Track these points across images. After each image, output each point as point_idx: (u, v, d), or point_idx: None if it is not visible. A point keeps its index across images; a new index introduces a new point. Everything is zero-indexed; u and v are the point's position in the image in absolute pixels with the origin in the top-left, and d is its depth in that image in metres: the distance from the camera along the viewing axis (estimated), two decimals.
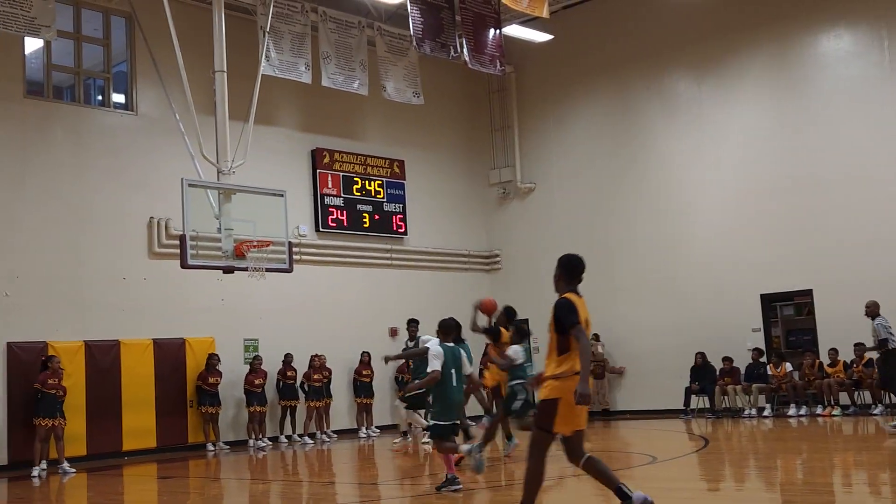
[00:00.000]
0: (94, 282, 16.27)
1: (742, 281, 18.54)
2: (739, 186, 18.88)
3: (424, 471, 12.30)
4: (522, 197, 22.41)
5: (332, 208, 19.81)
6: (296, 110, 19.67)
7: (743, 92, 19.08)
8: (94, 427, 15.71)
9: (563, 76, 21.74)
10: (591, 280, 21.95)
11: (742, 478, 10.23)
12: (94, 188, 16.54)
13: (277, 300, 18.21)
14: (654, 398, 19.60)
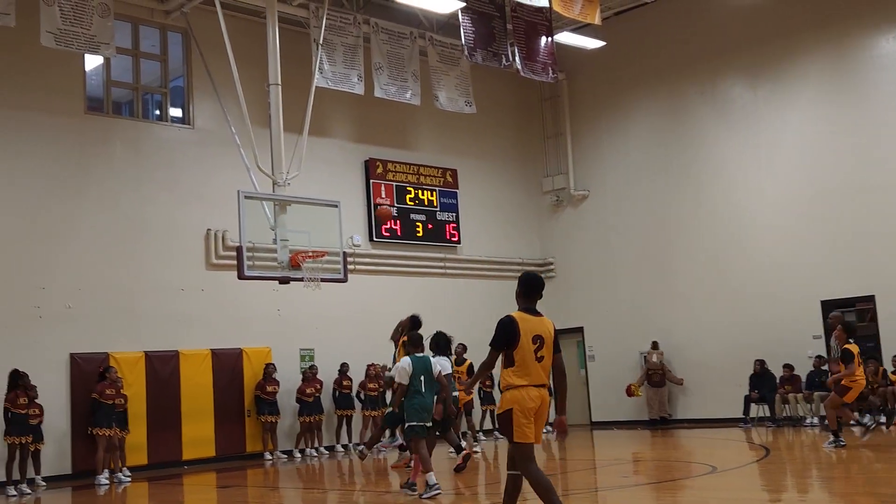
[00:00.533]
0: (153, 293, 16.54)
1: (801, 287, 18.21)
2: (797, 191, 18.57)
3: (478, 479, 12.27)
4: (576, 204, 22.30)
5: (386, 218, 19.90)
6: (349, 121, 19.82)
7: (800, 96, 18.78)
8: (154, 436, 15.96)
9: (616, 82, 21.61)
10: (647, 287, 22.06)
11: (805, 488, 10.04)
12: (153, 201, 16.83)
13: (332, 310, 18.33)
14: (713, 407, 19.34)
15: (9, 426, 13.64)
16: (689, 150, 20.30)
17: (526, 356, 6.90)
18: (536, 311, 7.13)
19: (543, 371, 7.02)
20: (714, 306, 19.58)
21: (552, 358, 7.06)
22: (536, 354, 6.94)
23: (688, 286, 20.10)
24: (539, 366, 6.97)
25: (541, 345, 6.98)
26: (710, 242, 19.76)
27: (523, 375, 6.89)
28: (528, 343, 6.90)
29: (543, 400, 6.96)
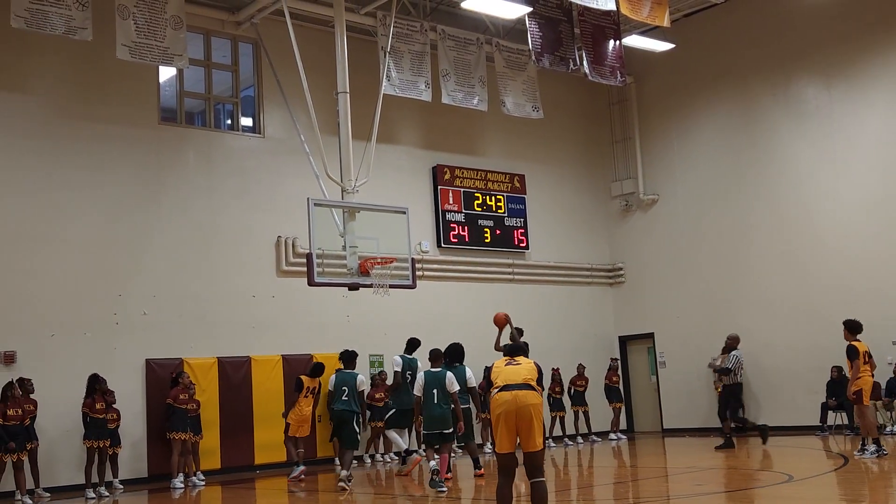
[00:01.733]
0: (225, 299, 16.81)
1: (879, 292, 17.72)
2: (873, 193, 18.09)
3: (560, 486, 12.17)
4: (645, 209, 22.06)
5: (454, 224, 19.94)
6: (416, 128, 19.91)
7: (876, 96, 18.30)
8: (227, 441, 16.21)
9: (685, 85, 21.32)
10: (719, 293, 21.72)
11: (886, 499, 9.74)
12: (224, 209, 17.12)
13: (401, 316, 18.41)
14: (789, 414, 18.92)
15: (87, 430, 13.96)
16: (761, 152, 19.92)
17: (498, 363, 7.49)
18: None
19: (517, 376, 7.24)
20: (789, 311, 19.17)
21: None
22: (510, 362, 7.43)
23: (761, 291, 19.71)
24: (511, 369, 7.32)
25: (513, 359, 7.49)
26: (783, 246, 19.35)
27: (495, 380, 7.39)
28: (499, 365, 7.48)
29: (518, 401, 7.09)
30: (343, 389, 13.07)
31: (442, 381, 11.89)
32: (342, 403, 13.03)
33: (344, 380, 13.21)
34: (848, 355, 13.21)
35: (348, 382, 13.14)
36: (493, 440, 7.23)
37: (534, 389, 7.16)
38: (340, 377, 13.35)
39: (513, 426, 7.04)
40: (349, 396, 13.01)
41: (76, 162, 15.66)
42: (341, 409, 13.03)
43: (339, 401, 13.07)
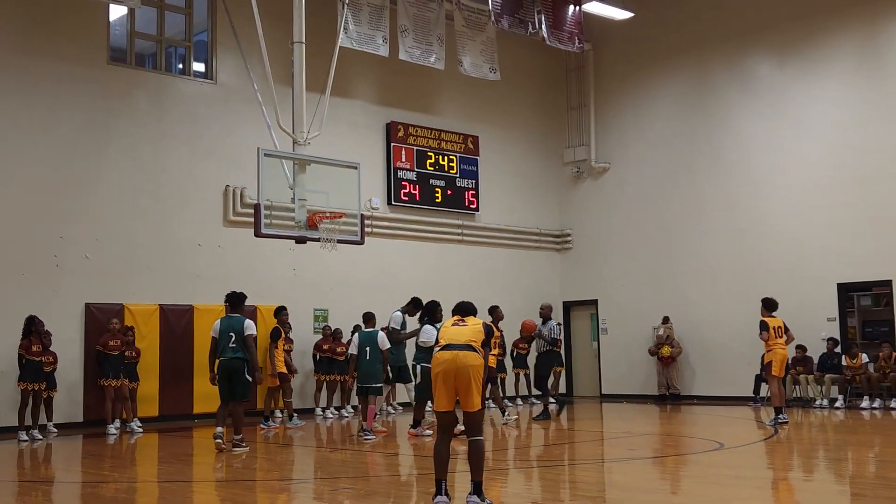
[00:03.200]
0: (170, 247, 16.62)
1: (818, 269, 18.11)
2: (819, 173, 18.40)
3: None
4: (596, 177, 22.19)
5: (405, 182, 19.88)
6: (372, 83, 19.74)
7: (828, 76, 18.54)
8: (166, 389, 16.13)
9: (642, 55, 21.40)
10: (664, 262, 22.02)
11: (811, 468, 10.03)
12: (173, 155, 16.86)
13: (348, 272, 18.38)
14: (724, 384, 19.33)
15: (23, 372, 13.77)
16: (713, 127, 20.12)
17: (447, 323, 7.53)
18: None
19: (461, 336, 7.28)
20: (730, 284, 19.49)
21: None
22: (456, 323, 7.47)
23: (705, 263, 20.01)
24: (456, 329, 7.36)
25: (461, 319, 7.52)
26: (729, 220, 19.64)
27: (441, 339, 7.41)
28: (447, 326, 7.51)
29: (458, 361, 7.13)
30: (230, 336, 11.75)
31: (374, 340, 13.18)
32: (230, 352, 11.72)
33: (230, 325, 11.83)
34: (761, 329, 14.33)
35: (234, 328, 11.77)
36: (433, 398, 7.28)
37: (475, 351, 7.21)
38: (226, 323, 11.92)
39: (451, 385, 7.10)
40: (236, 343, 11.71)
41: (20, 99, 15.28)
42: (230, 359, 11.73)
43: (226, 349, 11.75)
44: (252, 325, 11.97)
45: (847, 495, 8.19)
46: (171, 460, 11.68)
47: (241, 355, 11.76)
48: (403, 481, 9.62)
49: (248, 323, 11.93)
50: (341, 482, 9.30)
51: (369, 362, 13.16)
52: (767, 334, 14.21)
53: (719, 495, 7.97)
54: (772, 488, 8.64)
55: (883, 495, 7.90)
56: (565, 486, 9.10)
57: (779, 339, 14.24)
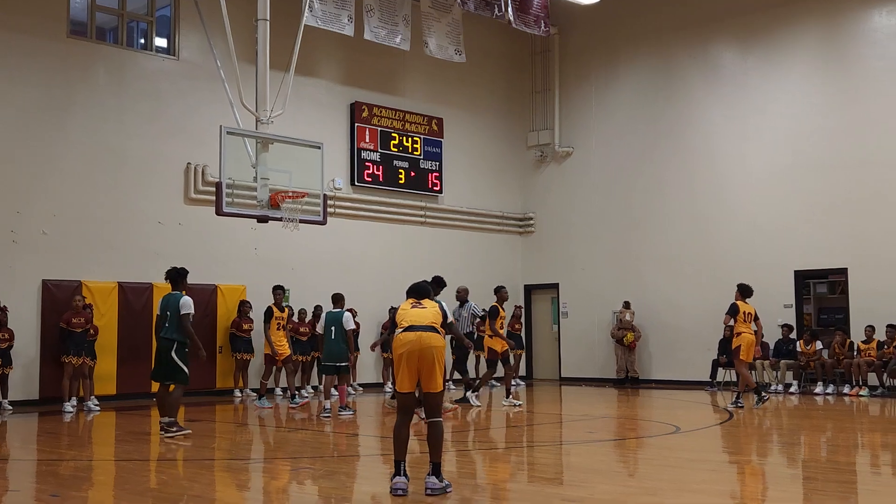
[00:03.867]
0: (130, 224, 16.45)
1: (776, 256, 18.37)
2: (781, 161, 18.63)
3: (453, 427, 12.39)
4: (559, 161, 22.28)
5: (369, 163, 19.82)
6: (337, 63, 19.62)
7: (790, 66, 18.75)
8: (124, 367, 15.99)
9: (607, 41, 21.47)
10: (625, 247, 22.19)
11: (765, 452, 10.20)
12: (134, 131, 16.66)
13: (310, 252, 18.32)
14: (682, 369, 19.58)
15: None
16: (676, 113, 20.28)
17: (405, 305, 7.49)
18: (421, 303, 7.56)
19: (422, 318, 7.29)
20: (690, 269, 19.71)
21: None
22: (414, 305, 7.45)
23: (665, 248, 20.20)
24: (416, 312, 7.36)
25: (418, 302, 7.51)
26: (690, 206, 19.83)
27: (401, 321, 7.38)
28: (405, 307, 7.46)
29: (422, 342, 7.15)
30: (167, 314, 11.20)
31: (339, 320, 13.53)
32: (162, 331, 11.21)
33: (167, 303, 11.31)
34: (728, 311, 14.43)
35: (171, 306, 11.20)
36: (394, 379, 7.28)
37: (437, 332, 7.23)
38: (164, 301, 11.45)
39: (414, 367, 7.12)
40: (171, 322, 11.13)
41: None
42: (160, 338, 11.26)
43: (161, 328, 11.27)
44: (188, 304, 11.15)
45: (799, 479, 8.35)
46: (128, 439, 11.60)
47: (169, 335, 11.07)
48: (363, 462, 9.64)
49: (184, 301, 11.14)
50: (301, 462, 9.31)
51: (334, 341, 13.50)
52: (732, 318, 14.29)
53: (674, 478, 8.09)
54: (726, 471, 8.78)
55: (833, 479, 8.06)
56: (523, 468, 9.18)
57: (747, 323, 14.31)
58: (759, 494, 7.40)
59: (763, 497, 7.33)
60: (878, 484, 8.19)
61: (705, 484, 7.74)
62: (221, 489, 8.05)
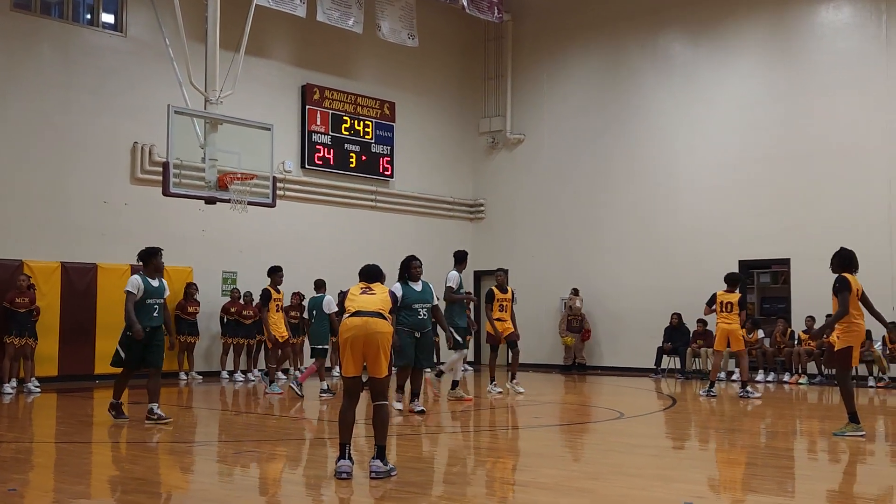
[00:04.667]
0: (75, 203, 16.17)
1: (722, 246, 18.64)
2: (727, 152, 18.89)
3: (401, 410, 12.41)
4: (511, 148, 22.35)
5: (320, 146, 19.70)
6: (288, 44, 19.43)
7: (738, 58, 19.00)
8: (66, 349, 15.72)
9: (560, 29, 21.55)
10: (575, 235, 22.30)
11: (706, 438, 10.37)
12: (79, 109, 16.35)
13: (258, 234, 18.17)
14: (628, 356, 19.81)
15: None
16: (626, 103, 20.44)
17: (354, 290, 7.56)
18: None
19: (370, 304, 7.32)
20: (637, 258, 19.93)
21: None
22: (364, 291, 7.51)
23: (614, 237, 20.39)
24: (365, 298, 7.39)
25: (368, 287, 7.57)
26: (639, 195, 20.03)
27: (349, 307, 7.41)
28: (355, 292, 7.53)
29: (368, 327, 7.15)
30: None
31: (319, 304, 13.93)
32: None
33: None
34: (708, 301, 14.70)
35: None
36: (341, 363, 7.31)
37: (385, 318, 7.25)
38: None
39: (359, 352, 7.13)
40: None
41: None
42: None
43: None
44: (129, 282, 10.75)
45: (739, 464, 8.51)
46: (69, 421, 11.44)
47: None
48: (307, 445, 9.62)
49: (130, 280, 10.81)
50: (244, 445, 9.26)
51: (315, 325, 13.96)
52: (708, 308, 14.57)
53: (616, 462, 8.20)
54: (667, 456, 8.92)
55: (771, 464, 8.23)
56: (470, 452, 9.23)
57: (725, 313, 14.28)
58: (698, 479, 7.53)
59: (702, 481, 7.45)
60: (814, 469, 8.38)
61: (646, 468, 7.86)
62: (164, 472, 7.98)
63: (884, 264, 16.55)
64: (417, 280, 11.13)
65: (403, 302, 10.85)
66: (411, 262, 11.16)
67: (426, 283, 11.25)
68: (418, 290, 11.09)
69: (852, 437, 9.36)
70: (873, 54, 17.37)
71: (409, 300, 10.95)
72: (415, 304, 10.99)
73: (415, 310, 10.99)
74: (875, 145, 17.18)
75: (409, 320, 10.99)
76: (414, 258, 11.24)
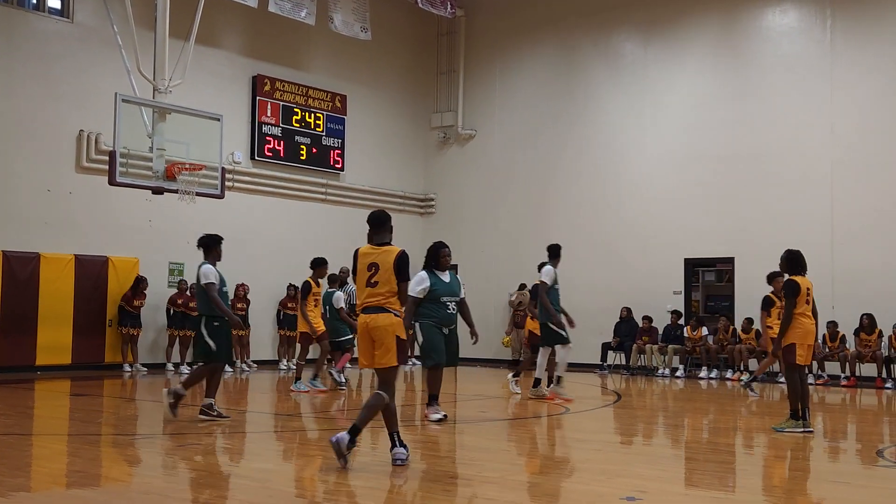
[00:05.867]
0: (17, 191, 15.88)
1: (669, 244, 18.89)
2: (675, 151, 19.14)
3: (332, 406, 12.39)
4: (462, 143, 22.40)
5: (270, 137, 19.56)
6: (239, 34, 19.26)
7: (688, 58, 19.26)
8: (6, 339, 15.46)
9: (513, 25, 21.65)
10: (524, 230, 22.40)
11: (650, 433, 10.51)
12: (23, 95, 16.05)
13: (206, 226, 17.85)
14: (574, 352, 19.86)
15: None
16: (578, 100, 20.60)
17: (360, 281, 7.30)
18: (381, 243, 7.42)
19: (373, 297, 7.20)
20: (586, 255, 20.05)
21: (398, 285, 7.23)
22: (370, 280, 7.21)
23: (563, 232, 20.41)
24: (369, 290, 7.21)
25: (375, 272, 7.20)
26: (588, 192, 20.20)
27: (358, 298, 7.36)
28: (362, 271, 7.25)
29: (368, 324, 7.19)
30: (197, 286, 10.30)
31: (330, 300, 13.84)
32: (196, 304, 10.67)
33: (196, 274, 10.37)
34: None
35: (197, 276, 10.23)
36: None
37: (387, 311, 7.23)
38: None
39: (368, 346, 7.28)
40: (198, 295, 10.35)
41: None
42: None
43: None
44: (207, 273, 9.93)
45: (680, 459, 8.65)
46: (9, 413, 11.24)
47: (198, 308, 10.21)
48: (251, 438, 9.57)
49: (204, 269, 10.00)
50: (188, 438, 9.18)
51: (330, 320, 13.75)
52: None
53: (561, 456, 8.28)
54: (611, 451, 9.03)
55: (712, 458, 8.38)
56: (416, 447, 9.25)
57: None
58: (641, 474, 7.64)
59: (645, 476, 7.57)
60: (752, 464, 8.54)
61: (586, 462, 7.95)
62: (106, 465, 7.89)
63: (825, 265, 16.86)
64: (446, 270, 10.15)
65: (431, 294, 9.85)
66: (440, 249, 10.14)
67: (454, 275, 10.42)
68: (447, 280, 10.12)
69: (791, 432, 9.55)
70: (818, 58, 17.71)
71: (437, 292, 9.92)
72: (443, 297, 9.97)
73: (443, 303, 9.96)
74: (818, 147, 17.53)
75: (437, 314, 9.95)
76: (443, 245, 10.22)
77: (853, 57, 17.39)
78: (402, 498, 6.51)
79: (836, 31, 17.53)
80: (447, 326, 10.00)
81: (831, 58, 17.55)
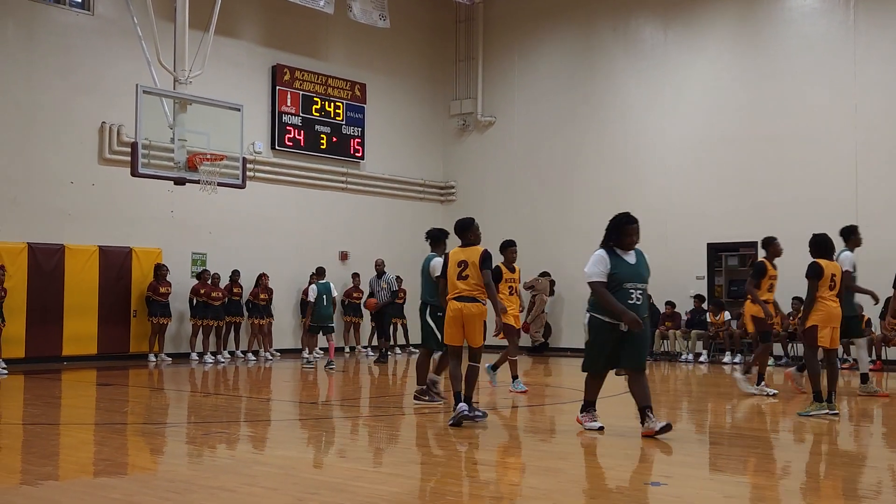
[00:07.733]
0: (42, 184, 16.01)
1: (691, 229, 18.80)
2: (696, 135, 19.02)
3: (361, 393, 12.43)
4: (482, 130, 22.35)
5: (290, 127, 19.61)
6: (258, 24, 19.29)
7: (708, 42, 19.11)
8: (33, 330, 15.62)
9: (532, 11, 21.55)
10: (545, 217, 22.36)
11: (673, 419, 10.47)
12: (46, 88, 16.16)
13: (228, 216, 18.08)
14: None
15: None
16: (597, 85, 20.50)
17: (451, 276, 8.98)
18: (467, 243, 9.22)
19: (467, 286, 8.85)
20: None
21: (481, 274, 8.92)
22: (461, 274, 8.91)
23: (584, 218, 20.43)
24: (461, 283, 8.86)
25: (465, 267, 8.89)
26: (608, 177, 20.13)
27: (451, 291, 8.97)
28: (453, 267, 8.99)
29: (462, 311, 8.84)
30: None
31: (328, 290, 15.80)
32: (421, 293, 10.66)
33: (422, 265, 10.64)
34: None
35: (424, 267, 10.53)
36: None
37: (477, 301, 8.91)
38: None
39: (460, 328, 8.93)
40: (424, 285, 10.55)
41: None
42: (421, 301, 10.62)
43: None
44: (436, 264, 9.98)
45: (705, 443, 8.62)
46: (36, 403, 11.36)
47: (423, 297, 10.37)
48: (275, 426, 9.62)
49: (433, 262, 10.18)
50: (213, 427, 9.24)
51: (325, 307, 15.76)
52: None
53: (584, 442, 8.27)
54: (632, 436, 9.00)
55: (737, 443, 8.35)
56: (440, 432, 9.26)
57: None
58: (665, 458, 7.61)
59: (669, 461, 7.54)
60: (777, 449, 8.49)
61: (613, 448, 7.94)
62: (133, 453, 7.96)
63: None
64: (631, 249, 8.30)
65: (610, 279, 8.05)
66: (626, 224, 8.30)
67: (641, 254, 8.42)
68: (632, 262, 8.23)
69: (817, 416, 9.49)
70: (841, 39, 17.53)
71: (618, 276, 8.07)
72: (626, 283, 8.05)
73: (625, 290, 8.03)
74: (842, 129, 17.37)
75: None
76: (630, 219, 8.34)
77: (877, 37, 17.20)
78: (425, 484, 6.52)
79: (859, 10, 17.34)
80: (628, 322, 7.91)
81: (854, 38, 17.37)
